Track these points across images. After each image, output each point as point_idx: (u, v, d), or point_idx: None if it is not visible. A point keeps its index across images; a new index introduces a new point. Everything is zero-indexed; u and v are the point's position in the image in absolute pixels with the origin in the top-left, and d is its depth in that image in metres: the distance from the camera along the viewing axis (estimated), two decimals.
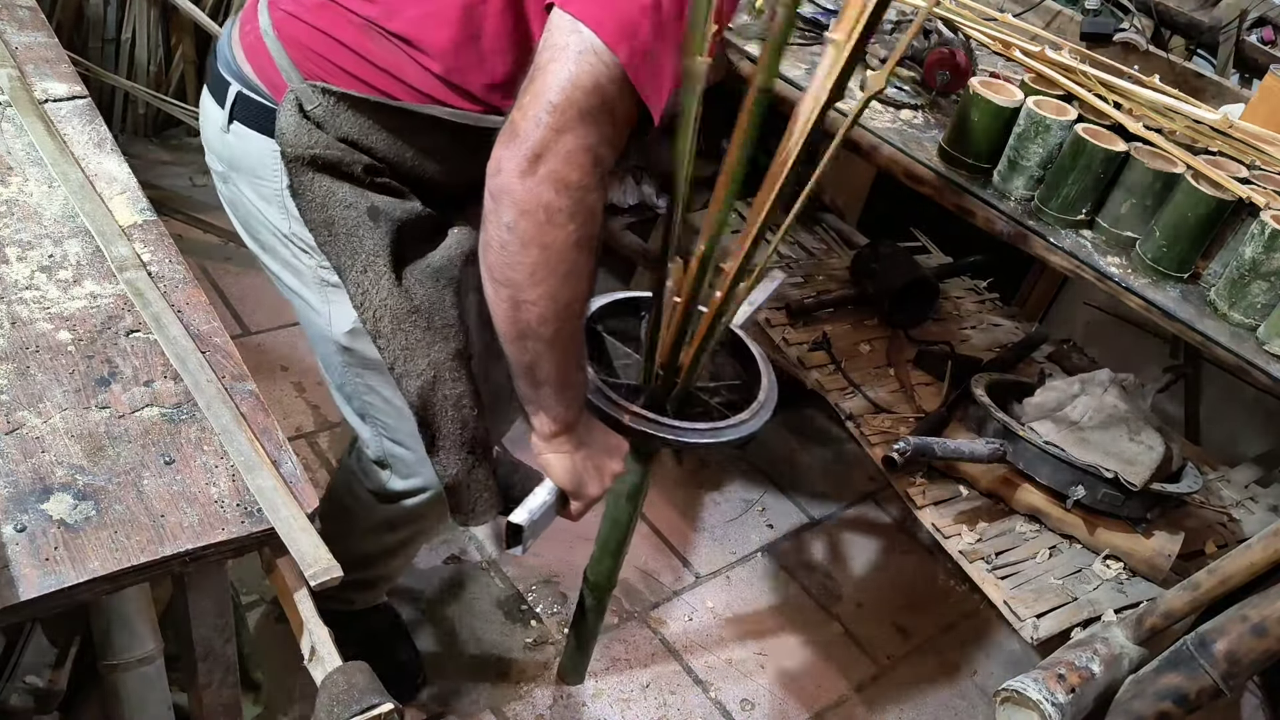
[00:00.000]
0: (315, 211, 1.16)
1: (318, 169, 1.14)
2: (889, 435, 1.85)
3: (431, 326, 1.21)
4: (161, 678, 1.00)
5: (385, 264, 1.18)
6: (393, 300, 1.18)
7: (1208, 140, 1.59)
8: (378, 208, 1.17)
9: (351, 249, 1.17)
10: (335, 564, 0.82)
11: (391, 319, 1.19)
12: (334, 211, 1.16)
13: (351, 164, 1.15)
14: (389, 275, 1.18)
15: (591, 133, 0.97)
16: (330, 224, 1.16)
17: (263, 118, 1.16)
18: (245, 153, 1.20)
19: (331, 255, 1.18)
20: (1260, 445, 2.22)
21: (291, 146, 1.13)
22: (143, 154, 2.77)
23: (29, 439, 0.85)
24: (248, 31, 1.19)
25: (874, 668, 1.96)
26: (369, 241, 1.17)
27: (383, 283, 1.18)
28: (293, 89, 1.13)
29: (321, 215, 1.16)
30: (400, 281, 1.19)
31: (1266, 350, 1.37)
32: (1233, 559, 1.29)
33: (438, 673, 1.73)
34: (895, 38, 1.90)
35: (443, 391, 1.23)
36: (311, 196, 1.15)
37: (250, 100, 1.17)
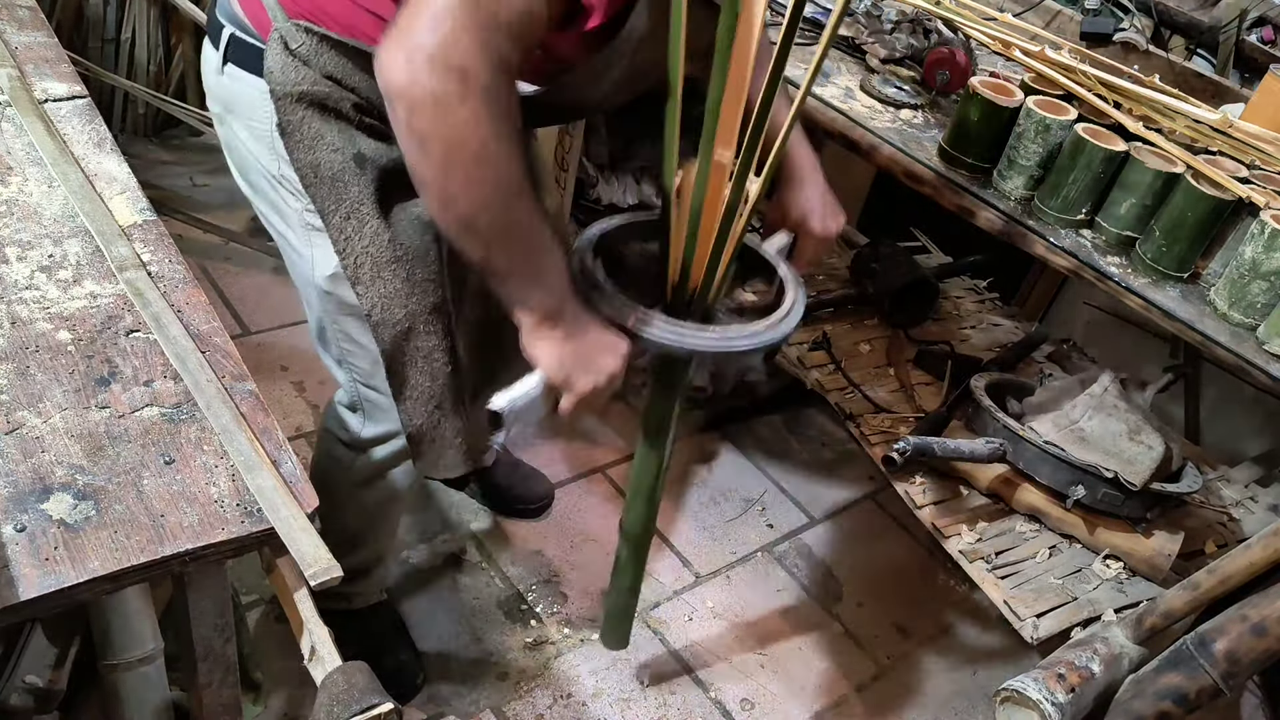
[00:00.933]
0: (302, 153, 1.17)
1: (306, 105, 1.15)
2: (889, 435, 1.85)
3: (411, 278, 1.22)
4: (161, 678, 1.00)
5: (369, 211, 1.18)
6: (374, 248, 1.19)
7: (1208, 140, 1.59)
8: (364, 154, 1.17)
9: (336, 194, 1.18)
10: (335, 564, 0.82)
11: (372, 266, 1.20)
12: (321, 154, 1.16)
13: (339, 100, 1.15)
14: (372, 223, 1.19)
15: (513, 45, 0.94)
16: (316, 166, 1.17)
17: (255, 59, 1.17)
18: (239, 94, 1.21)
19: (316, 199, 1.18)
20: (1260, 445, 2.22)
21: (279, 84, 1.14)
22: (142, 154, 2.77)
23: (29, 439, 0.85)
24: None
25: (874, 667, 1.96)
26: (354, 188, 1.17)
27: (365, 230, 1.18)
28: (277, 27, 1.14)
29: (309, 157, 1.16)
30: (383, 230, 1.19)
31: (1266, 350, 1.37)
32: (1232, 559, 1.29)
33: (438, 673, 1.73)
34: (896, 37, 1.90)
35: (415, 343, 1.24)
36: (300, 137, 1.16)
37: (243, 42, 1.18)
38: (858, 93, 1.78)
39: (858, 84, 1.80)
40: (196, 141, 2.91)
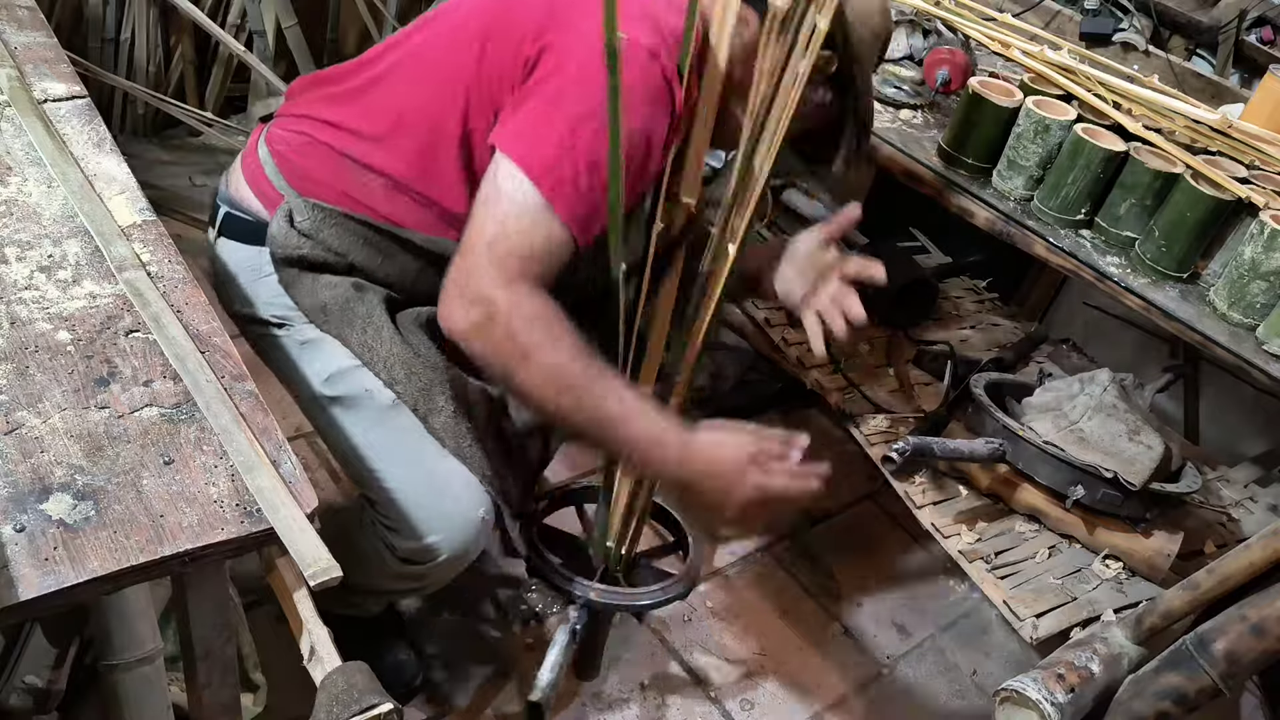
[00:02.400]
0: (307, 298, 1.28)
1: (303, 268, 1.28)
2: (888, 435, 1.84)
3: (436, 369, 1.28)
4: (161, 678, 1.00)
5: (380, 321, 1.28)
6: (398, 348, 1.27)
7: (1207, 140, 1.59)
8: (361, 283, 1.29)
9: (348, 319, 1.28)
10: (335, 564, 0.82)
11: (403, 365, 1.27)
12: (323, 295, 1.28)
13: (334, 264, 1.28)
14: (386, 329, 1.28)
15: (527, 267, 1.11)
16: (323, 307, 1.28)
17: (245, 231, 1.32)
18: (230, 261, 1.34)
19: (333, 331, 1.29)
20: (1259, 445, 2.22)
21: (280, 248, 1.27)
22: (142, 154, 2.77)
23: (28, 439, 0.85)
24: (249, 163, 1.35)
25: (874, 667, 1.96)
26: (361, 308, 1.28)
27: (384, 335, 1.27)
28: (287, 201, 1.28)
29: (312, 300, 1.28)
30: (396, 335, 1.29)
31: (1266, 350, 1.37)
32: (1232, 559, 1.29)
33: (437, 673, 1.73)
34: (895, 38, 1.90)
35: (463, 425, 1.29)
36: (301, 287, 1.28)
37: (235, 218, 1.33)
38: None
39: None
40: (196, 141, 2.90)
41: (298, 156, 1.30)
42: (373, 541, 1.35)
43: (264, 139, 1.35)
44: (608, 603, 1.49)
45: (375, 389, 1.27)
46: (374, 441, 1.28)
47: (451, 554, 1.31)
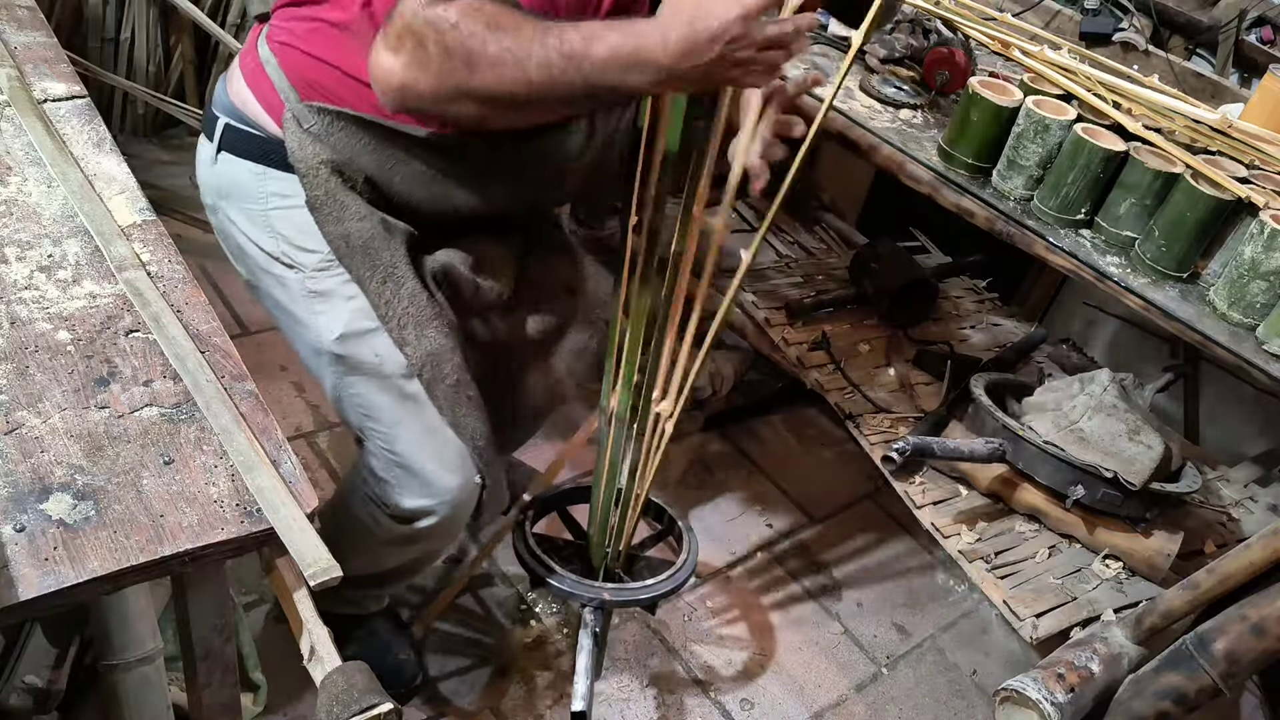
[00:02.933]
0: (332, 225, 1.22)
1: (329, 174, 1.20)
2: (888, 435, 1.85)
3: (452, 333, 1.27)
4: (161, 678, 1.00)
5: (404, 273, 1.24)
6: (414, 308, 1.24)
7: (1207, 140, 1.59)
8: (389, 220, 1.23)
9: (370, 261, 1.23)
10: (334, 564, 0.82)
11: (415, 326, 1.24)
12: (349, 225, 1.22)
13: (354, 175, 1.21)
14: (408, 284, 1.24)
15: None
16: (347, 236, 1.22)
17: (248, 145, 1.25)
18: (233, 179, 1.27)
19: (351, 269, 1.24)
20: (1259, 444, 2.22)
21: (300, 160, 1.20)
22: (142, 154, 2.77)
23: (28, 439, 0.85)
24: (248, 64, 1.27)
25: (874, 667, 1.96)
26: (385, 254, 1.23)
27: (402, 291, 1.24)
28: (290, 108, 1.20)
29: (338, 229, 1.22)
30: (419, 290, 1.25)
31: (1265, 350, 1.37)
32: (1232, 558, 1.29)
33: (437, 673, 1.73)
34: (895, 37, 1.90)
35: (465, 393, 1.28)
36: (328, 210, 1.21)
37: (237, 130, 1.26)
38: (857, 93, 1.78)
39: (857, 84, 1.81)
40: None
41: (301, 53, 1.21)
42: (365, 505, 1.38)
43: (264, 37, 1.26)
44: (621, 600, 1.49)
45: (385, 355, 1.26)
46: (377, 404, 1.30)
47: (441, 517, 1.33)
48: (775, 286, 2.18)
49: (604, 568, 1.55)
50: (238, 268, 1.37)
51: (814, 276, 2.26)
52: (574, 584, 1.47)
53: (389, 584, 1.62)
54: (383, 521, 1.38)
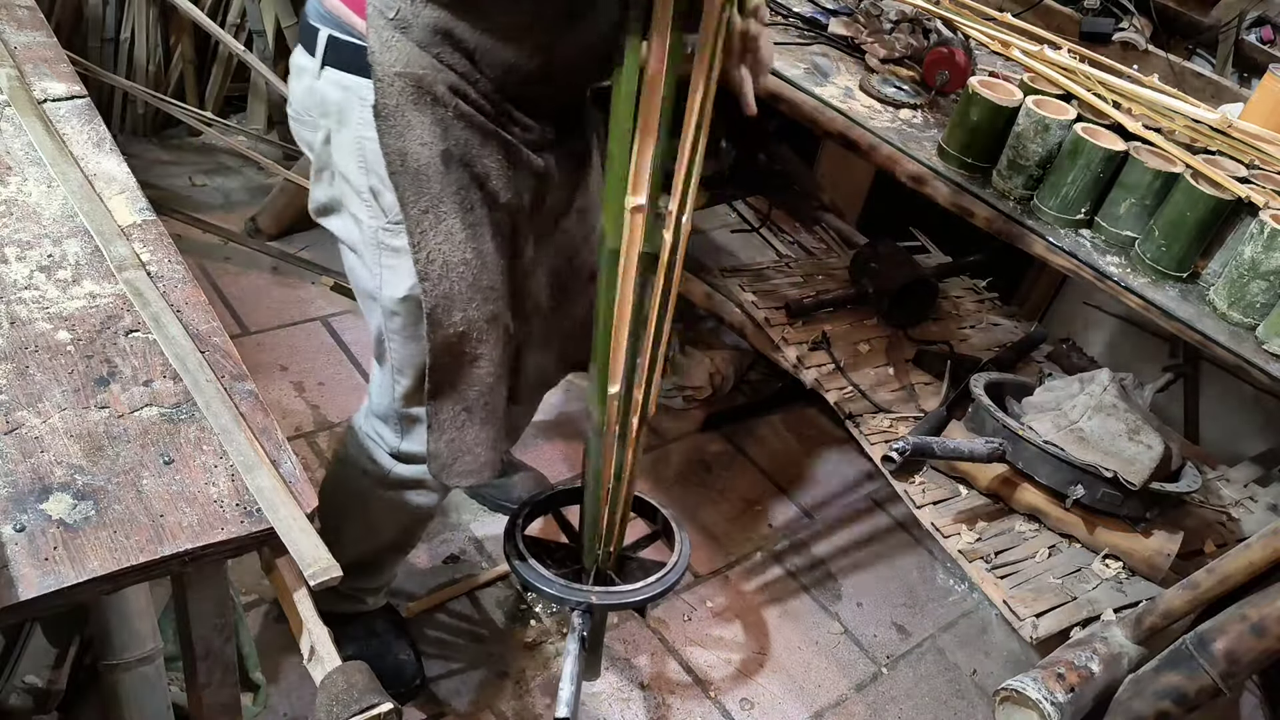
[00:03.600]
0: (393, 138, 1.17)
1: (403, 88, 1.15)
2: (888, 434, 1.84)
3: (476, 283, 1.24)
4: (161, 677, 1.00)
5: (448, 209, 1.20)
6: (447, 246, 1.21)
7: (1207, 140, 1.59)
8: (451, 152, 1.19)
9: (418, 187, 1.19)
10: (334, 564, 0.82)
11: (442, 264, 1.21)
12: (410, 144, 1.17)
13: (434, 81, 1.16)
14: (449, 221, 1.20)
15: None
16: (404, 155, 1.18)
17: (354, 57, 1.18)
18: (335, 98, 1.22)
19: (399, 186, 1.19)
20: (1259, 444, 2.22)
21: (379, 64, 1.14)
22: (142, 154, 2.77)
23: (28, 439, 0.85)
24: None
25: (874, 667, 1.96)
26: (435, 184, 1.19)
27: (440, 227, 1.20)
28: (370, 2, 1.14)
29: (398, 144, 1.17)
30: (458, 229, 1.21)
31: (1265, 349, 1.37)
32: (1232, 558, 1.29)
33: (437, 672, 1.73)
34: (895, 37, 1.90)
35: (464, 347, 1.27)
36: (393, 122, 1.16)
37: (341, 42, 1.19)
38: (857, 92, 1.78)
39: (857, 84, 1.81)
40: (195, 141, 2.91)
41: None
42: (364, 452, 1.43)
43: None
44: (608, 604, 1.49)
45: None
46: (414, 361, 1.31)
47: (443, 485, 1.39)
48: (775, 286, 2.18)
49: (595, 570, 1.55)
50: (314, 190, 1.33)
51: (814, 276, 2.26)
52: (561, 587, 1.46)
53: (385, 566, 1.62)
54: (381, 462, 1.41)
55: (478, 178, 1.21)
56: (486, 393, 1.31)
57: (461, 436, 1.32)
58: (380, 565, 1.61)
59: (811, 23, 1.98)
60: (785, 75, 1.76)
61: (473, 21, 1.15)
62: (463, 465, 1.34)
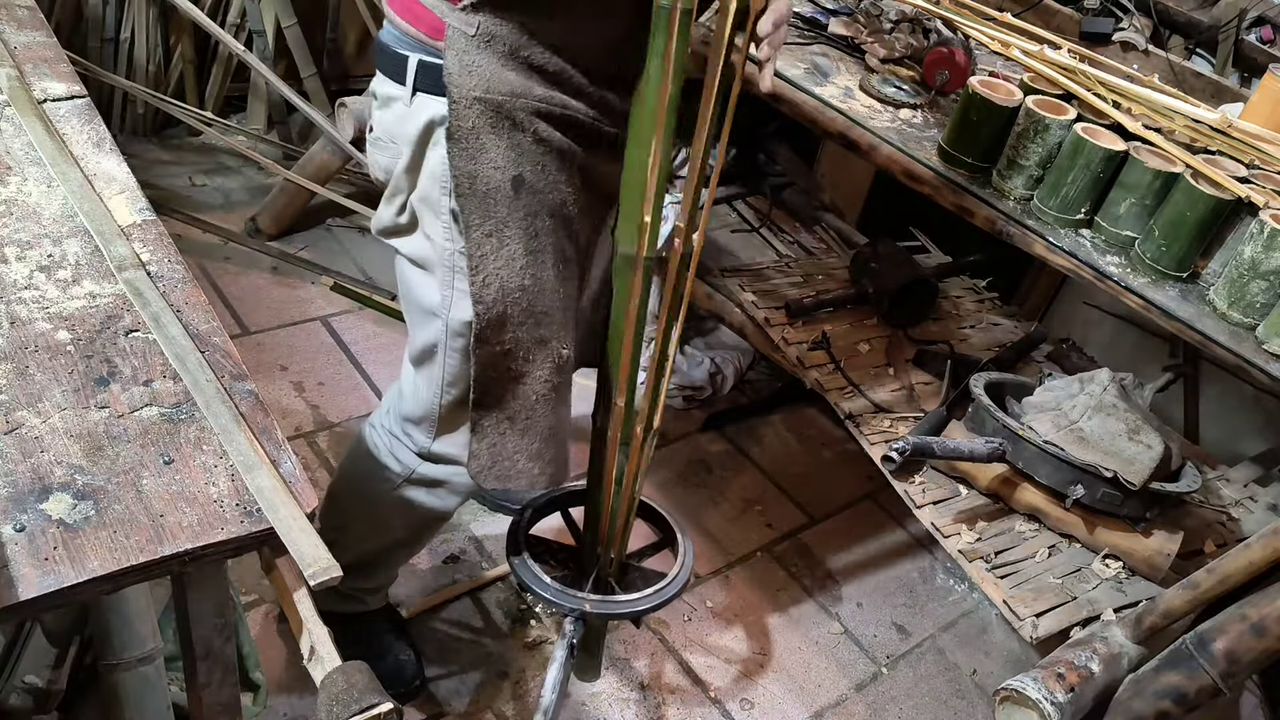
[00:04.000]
0: (464, 161, 1.17)
1: (480, 112, 1.15)
2: (888, 435, 1.85)
3: (531, 309, 1.25)
4: (161, 677, 1.00)
5: (512, 234, 1.20)
6: (506, 272, 1.21)
7: (1207, 139, 1.59)
8: (524, 178, 1.19)
9: (485, 210, 1.19)
10: (335, 564, 0.82)
11: (499, 289, 1.22)
12: (481, 167, 1.17)
13: (513, 109, 1.16)
14: (511, 246, 1.21)
15: None
16: (474, 177, 1.18)
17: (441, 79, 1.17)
18: (427, 121, 1.21)
19: (465, 209, 1.19)
20: (1259, 444, 2.22)
21: (457, 86, 1.14)
22: (142, 154, 2.77)
23: (28, 439, 0.85)
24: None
25: (874, 667, 1.96)
26: (502, 209, 1.19)
27: (503, 252, 1.21)
28: (449, 23, 1.13)
29: (469, 166, 1.17)
30: (520, 256, 1.21)
31: (1265, 349, 1.37)
32: (1232, 558, 1.30)
33: (437, 672, 1.73)
34: (895, 37, 1.90)
35: (509, 364, 1.27)
36: (466, 145, 1.16)
37: (432, 66, 1.18)
38: (857, 92, 1.78)
39: (857, 83, 1.81)
40: (195, 141, 2.91)
41: None
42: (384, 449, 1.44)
43: None
44: (602, 613, 1.48)
45: None
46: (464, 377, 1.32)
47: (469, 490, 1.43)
48: (775, 286, 2.18)
49: (596, 576, 1.54)
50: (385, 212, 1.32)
51: (814, 276, 2.26)
52: (556, 592, 1.46)
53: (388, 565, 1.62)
54: (406, 461, 1.42)
55: (549, 204, 1.22)
56: (529, 407, 1.32)
57: (503, 443, 1.33)
58: (384, 564, 1.61)
59: (811, 23, 1.98)
60: (785, 75, 1.76)
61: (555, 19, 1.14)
62: (500, 470, 1.35)
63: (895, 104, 1.75)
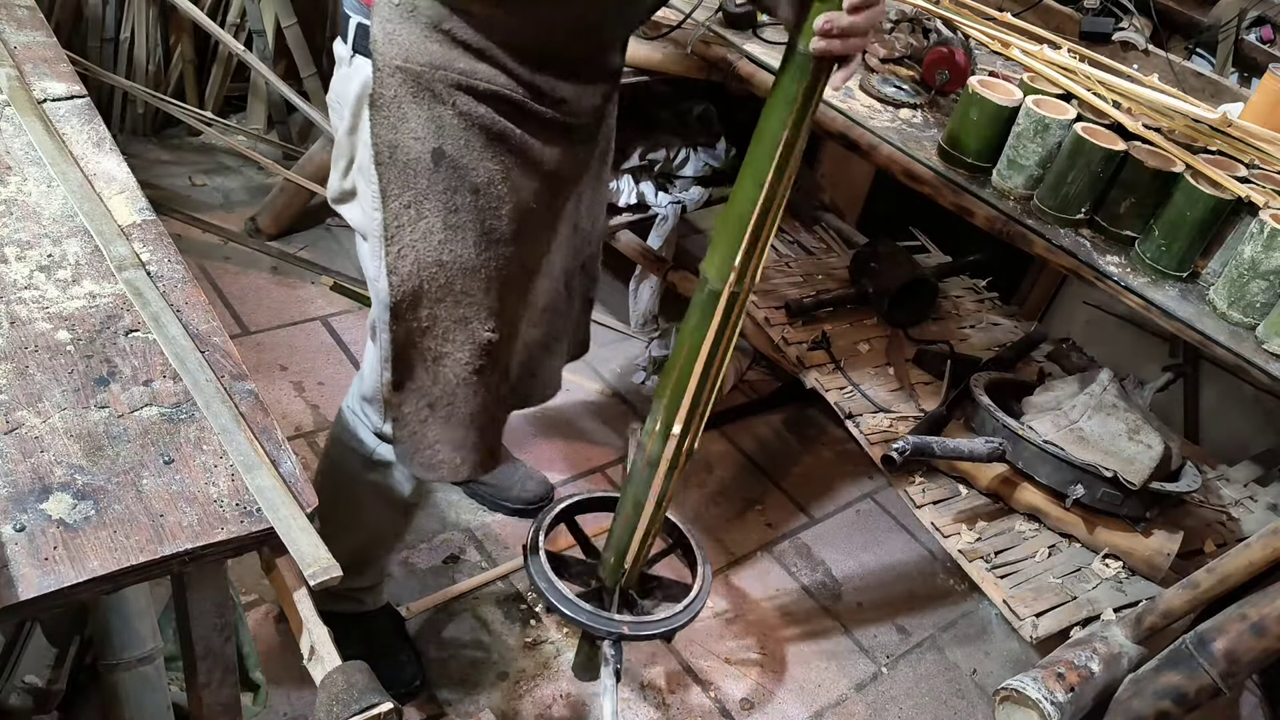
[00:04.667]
0: (385, 130, 1.16)
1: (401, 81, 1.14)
2: (888, 434, 1.85)
3: (449, 285, 1.23)
4: (161, 677, 1.00)
5: (430, 208, 1.19)
6: (422, 246, 1.20)
7: (1207, 139, 1.59)
8: (444, 150, 1.17)
9: (404, 181, 1.18)
10: (334, 564, 0.82)
11: (414, 262, 1.21)
12: (402, 137, 1.17)
13: (433, 81, 1.15)
14: (429, 220, 1.19)
15: None
16: (394, 147, 1.17)
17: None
18: (359, 84, 1.21)
19: (383, 178, 1.18)
20: (1259, 444, 2.22)
21: (380, 54, 1.14)
22: (141, 153, 2.77)
23: (28, 438, 0.85)
24: None
25: (874, 667, 1.96)
26: (422, 180, 1.18)
27: (420, 225, 1.20)
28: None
29: (389, 135, 1.17)
30: (437, 230, 1.20)
31: (1265, 349, 1.37)
32: (1232, 558, 1.30)
33: (437, 673, 1.73)
34: (895, 37, 1.90)
35: (428, 343, 1.26)
36: (387, 113, 1.16)
37: (366, 28, 1.18)
38: (857, 92, 1.78)
39: (857, 83, 1.81)
40: (195, 141, 2.91)
41: None
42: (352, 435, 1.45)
43: None
44: (639, 634, 1.46)
45: None
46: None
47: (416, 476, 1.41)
48: (775, 286, 2.18)
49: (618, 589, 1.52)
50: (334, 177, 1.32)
51: (814, 276, 2.26)
52: (591, 616, 1.44)
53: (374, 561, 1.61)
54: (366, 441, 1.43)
55: (471, 181, 1.20)
56: (451, 393, 1.30)
57: (423, 432, 1.32)
58: (370, 561, 1.60)
59: None
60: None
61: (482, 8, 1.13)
62: (422, 459, 1.34)
63: (895, 104, 1.75)
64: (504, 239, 1.26)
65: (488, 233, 1.24)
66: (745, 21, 1.89)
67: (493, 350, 1.31)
